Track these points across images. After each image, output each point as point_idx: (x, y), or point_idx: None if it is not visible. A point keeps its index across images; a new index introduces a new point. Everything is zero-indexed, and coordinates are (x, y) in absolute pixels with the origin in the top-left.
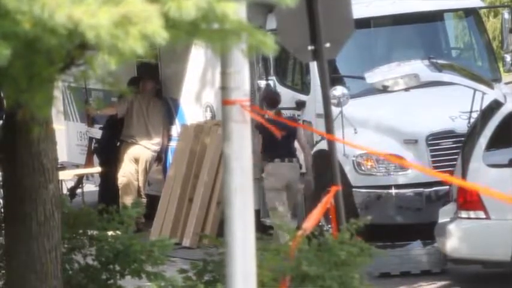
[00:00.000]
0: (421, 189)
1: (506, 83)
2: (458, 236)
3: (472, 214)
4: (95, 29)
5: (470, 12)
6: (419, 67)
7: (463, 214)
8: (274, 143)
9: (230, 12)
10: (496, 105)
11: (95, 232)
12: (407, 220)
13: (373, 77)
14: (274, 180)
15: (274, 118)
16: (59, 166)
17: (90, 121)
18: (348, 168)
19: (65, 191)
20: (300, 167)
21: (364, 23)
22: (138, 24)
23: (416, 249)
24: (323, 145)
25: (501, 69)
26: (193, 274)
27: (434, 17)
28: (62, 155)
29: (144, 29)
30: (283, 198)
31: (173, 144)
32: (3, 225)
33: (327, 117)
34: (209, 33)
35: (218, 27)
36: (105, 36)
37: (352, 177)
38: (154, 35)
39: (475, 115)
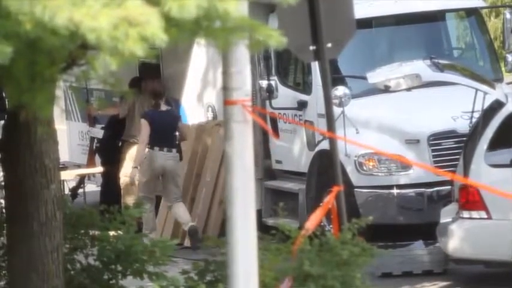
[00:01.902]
0: (422, 190)
1: (508, 83)
2: (460, 236)
3: (473, 214)
4: (96, 32)
5: (471, 12)
6: (421, 67)
7: (465, 214)
8: (159, 132)
9: (232, 10)
10: (497, 105)
11: (97, 232)
12: (409, 220)
13: (375, 77)
14: (149, 167)
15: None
16: (60, 166)
17: (92, 121)
18: (350, 168)
19: (66, 191)
20: (181, 158)
21: (366, 23)
22: (137, 27)
23: (418, 249)
24: (325, 145)
25: (503, 69)
26: (195, 274)
27: (436, 17)
28: (64, 155)
29: (143, 31)
30: (154, 186)
31: None
32: (5, 225)
33: (329, 117)
34: (213, 30)
35: (221, 25)
36: (106, 38)
37: (354, 177)
38: (153, 37)
39: (476, 115)
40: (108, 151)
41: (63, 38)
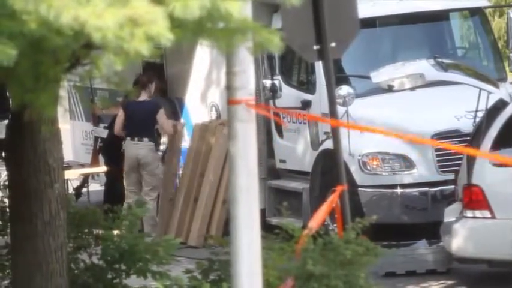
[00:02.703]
0: (426, 189)
1: None
2: (463, 235)
3: (477, 213)
4: (101, 31)
5: (475, 12)
6: (424, 66)
7: (469, 213)
8: (131, 122)
9: (234, 11)
10: (501, 105)
11: (101, 231)
12: (413, 219)
13: (379, 76)
14: (125, 159)
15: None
16: (64, 165)
17: (96, 120)
18: (354, 168)
19: (70, 191)
20: (157, 147)
21: (369, 23)
22: (143, 26)
23: (422, 249)
24: (328, 144)
25: (507, 68)
26: (199, 273)
27: (440, 16)
28: (68, 154)
29: (149, 30)
30: (132, 178)
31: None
32: (9, 224)
33: (333, 116)
34: (215, 32)
35: (224, 26)
36: (111, 37)
37: (358, 176)
38: (159, 36)
39: (480, 114)
40: (112, 150)
41: (67, 38)
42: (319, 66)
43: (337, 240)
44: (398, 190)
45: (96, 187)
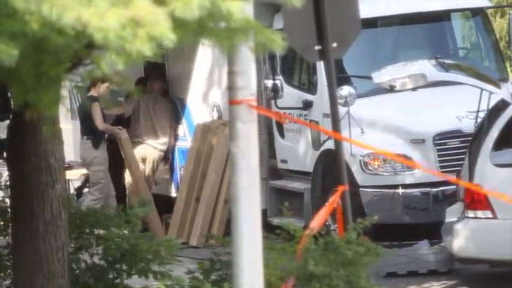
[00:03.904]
0: (428, 189)
1: None
2: (465, 236)
3: (479, 214)
4: (103, 31)
5: (477, 12)
6: (426, 67)
7: (470, 214)
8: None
9: (235, 11)
10: (503, 105)
11: (102, 231)
12: (414, 220)
13: (380, 76)
14: None
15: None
16: (65, 165)
17: None
18: (355, 168)
19: (71, 191)
20: (95, 145)
21: (371, 23)
22: (145, 26)
23: (423, 249)
24: (330, 145)
25: (508, 69)
26: (200, 273)
27: (441, 16)
28: (69, 155)
29: (151, 31)
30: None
31: (180, 144)
32: (10, 224)
33: (334, 117)
34: (216, 31)
35: (225, 26)
36: (113, 38)
37: (359, 177)
38: (161, 36)
39: (482, 115)
40: (113, 151)
41: (69, 38)
42: (320, 66)
43: (339, 240)
44: (400, 190)
45: None
